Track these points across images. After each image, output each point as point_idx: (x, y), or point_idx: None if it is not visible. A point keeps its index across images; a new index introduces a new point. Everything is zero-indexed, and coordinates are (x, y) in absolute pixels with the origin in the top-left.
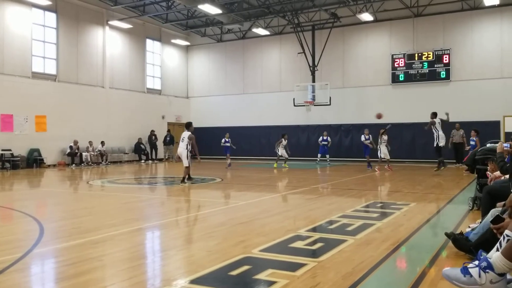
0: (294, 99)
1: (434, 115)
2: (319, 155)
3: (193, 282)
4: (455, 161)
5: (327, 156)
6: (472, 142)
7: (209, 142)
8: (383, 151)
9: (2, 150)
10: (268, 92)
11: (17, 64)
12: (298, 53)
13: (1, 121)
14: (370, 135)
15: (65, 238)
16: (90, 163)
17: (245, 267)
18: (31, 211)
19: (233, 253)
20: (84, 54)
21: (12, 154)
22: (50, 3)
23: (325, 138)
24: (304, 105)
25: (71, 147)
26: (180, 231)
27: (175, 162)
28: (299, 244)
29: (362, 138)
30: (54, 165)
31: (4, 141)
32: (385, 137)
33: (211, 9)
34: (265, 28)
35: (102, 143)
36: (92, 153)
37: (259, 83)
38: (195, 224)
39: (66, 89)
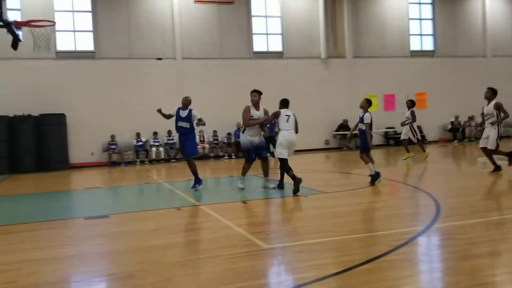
0: None
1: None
2: None
3: None
4: None
5: None
6: None
7: None
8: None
9: (386, 128)
10: None
11: (396, 45)
12: None
13: (384, 100)
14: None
15: (461, 216)
16: (472, 139)
17: None
18: (423, 186)
19: None
20: (461, 25)
21: (395, 131)
22: None
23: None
24: None
25: (452, 122)
26: None
27: None
28: None
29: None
30: (435, 141)
31: (387, 120)
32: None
33: None
34: None
35: None
36: None
37: None
38: None
39: (443, 64)
